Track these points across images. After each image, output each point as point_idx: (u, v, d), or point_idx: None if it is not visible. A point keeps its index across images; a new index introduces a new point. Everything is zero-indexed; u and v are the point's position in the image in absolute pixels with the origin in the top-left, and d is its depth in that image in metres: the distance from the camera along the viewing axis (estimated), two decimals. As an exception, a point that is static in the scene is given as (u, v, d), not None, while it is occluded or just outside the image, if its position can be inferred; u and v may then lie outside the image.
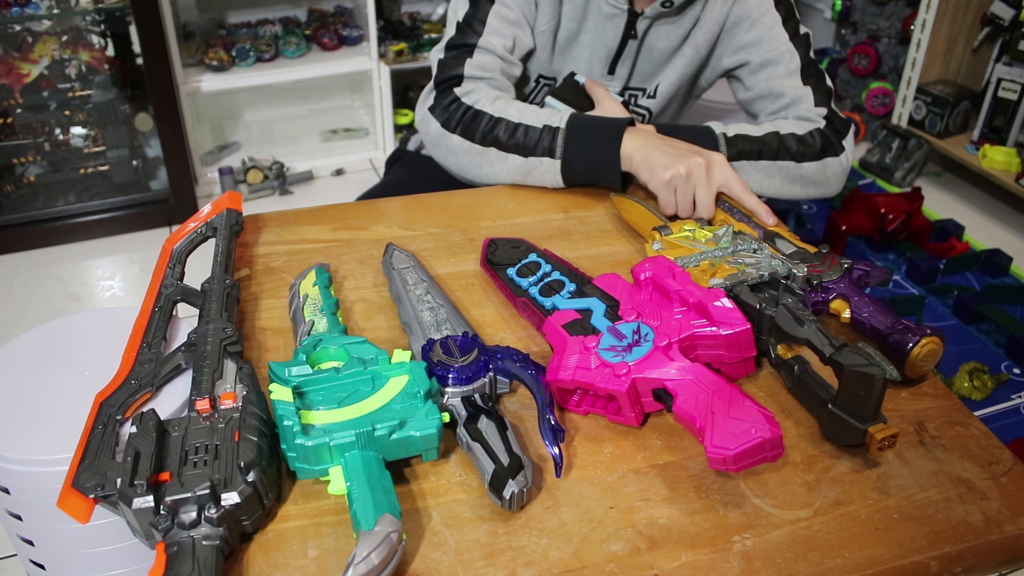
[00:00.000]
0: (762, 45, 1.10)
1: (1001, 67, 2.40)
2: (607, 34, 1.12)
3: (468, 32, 1.07)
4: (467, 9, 1.08)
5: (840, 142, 1.07)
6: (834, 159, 1.06)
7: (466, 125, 1.03)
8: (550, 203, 1.01)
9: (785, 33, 1.10)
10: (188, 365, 0.69)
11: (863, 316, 0.74)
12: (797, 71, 1.09)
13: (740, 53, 1.12)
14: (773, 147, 1.03)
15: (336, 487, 0.58)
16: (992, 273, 2.15)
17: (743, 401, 0.60)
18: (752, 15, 1.10)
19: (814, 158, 1.04)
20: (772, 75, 1.10)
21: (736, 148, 1.02)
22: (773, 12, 1.10)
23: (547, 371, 0.68)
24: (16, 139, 2.29)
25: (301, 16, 2.77)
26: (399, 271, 0.82)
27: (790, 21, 1.11)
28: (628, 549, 0.57)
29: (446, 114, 1.04)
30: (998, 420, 1.71)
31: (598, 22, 1.12)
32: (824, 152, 1.05)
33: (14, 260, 2.24)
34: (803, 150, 1.04)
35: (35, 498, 0.70)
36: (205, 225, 0.85)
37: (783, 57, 1.09)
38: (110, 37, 2.32)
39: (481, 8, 1.07)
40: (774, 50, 1.10)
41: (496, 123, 1.01)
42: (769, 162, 1.03)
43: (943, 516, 0.60)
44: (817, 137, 1.05)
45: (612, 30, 1.11)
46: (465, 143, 1.03)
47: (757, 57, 1.11)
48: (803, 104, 1.08)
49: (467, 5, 1.08)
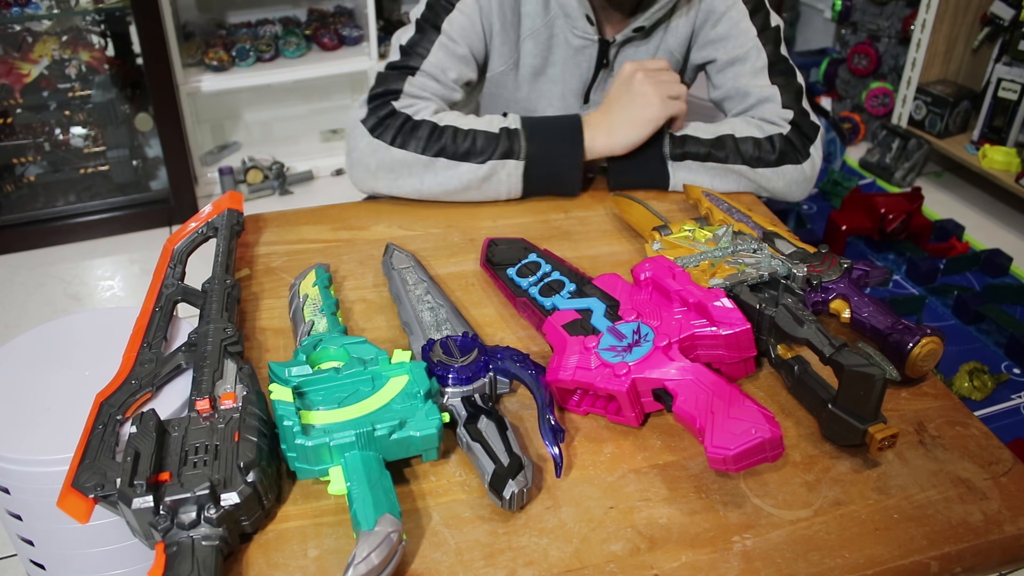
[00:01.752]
0: (728, 41, 1.06)
1: (1001, 67, 2.40)
2: (580, 66, 1.09)
3: (412, 55, 1.02)
4: (412, 35, 1.02)
5: (805, 148, 1.02)
6: (794, 167, 1.01)
7: (407, 135, 0.96)
8: (550, 203, 1.01)
9: (753, 28, 1.05)
10: (188, 365, 0.69)
11: (863, 316, 0.74)
12: (764, 69, 1.05)
13: (707, 49, 1.09)
14: (724, 150, 1.00)
15: (336, 487, 0.58)
16: (992, 273, 2.15)
17: (743, 401, 0.60)
18: (718, 9, 1.06)
19: (769, 165, 1.01)
20: (739, 73, 1.06)
21: (681, 148, 1.00)
22: (740, 5, 1.06)
23: (547, 371, 0.68)
24: (16, 139, 2.29)
25: (301, 16, 2.77)
26: (399, 271, 0.82)
27: (758, 13, 1.06)
28: (628, 549, 0.57)
29: (382, 126, 0.97)
30: (998, 420, 1.71)
31: (567, 55, 1.09)
32: (783, 159, 1.01)
33: (14, 260, 2.24)
34: (758, 155, 1.00)
35: (35, 498, 0.70)
36: (206, 225, 0.85)
37: (750, 54, 1.05)
38: (110, 37, 2.32)
39: (427, 36, 1.02)
40: (740, 47, 1.05)
41: (443, 131, 0.96)
42: (718, 164, 1.00)
43: (943, 516, 0.60)
44: (777, 143, 1.01)
45: (584, 62, 1.09)
46: (408, 155, 0.96)
47: (723, 54, 1.07)
48: (770, 104, 1.04)
49: (413, 31, 1.03)
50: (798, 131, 1.02)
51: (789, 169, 1.01)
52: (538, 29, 1.06)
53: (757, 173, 1.01)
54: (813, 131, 1.03)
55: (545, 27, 1.06)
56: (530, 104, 1.13)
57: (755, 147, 1.00)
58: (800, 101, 1.04)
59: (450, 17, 1.02)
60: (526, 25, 1.06)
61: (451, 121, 0.97)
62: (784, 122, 1.02)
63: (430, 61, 1.01)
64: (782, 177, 1.01)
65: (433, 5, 1.03)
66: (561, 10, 1.05)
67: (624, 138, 0.99)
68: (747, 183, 1.02)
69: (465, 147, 0.96)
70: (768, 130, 1.02)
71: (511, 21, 1.05)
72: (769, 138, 1.01)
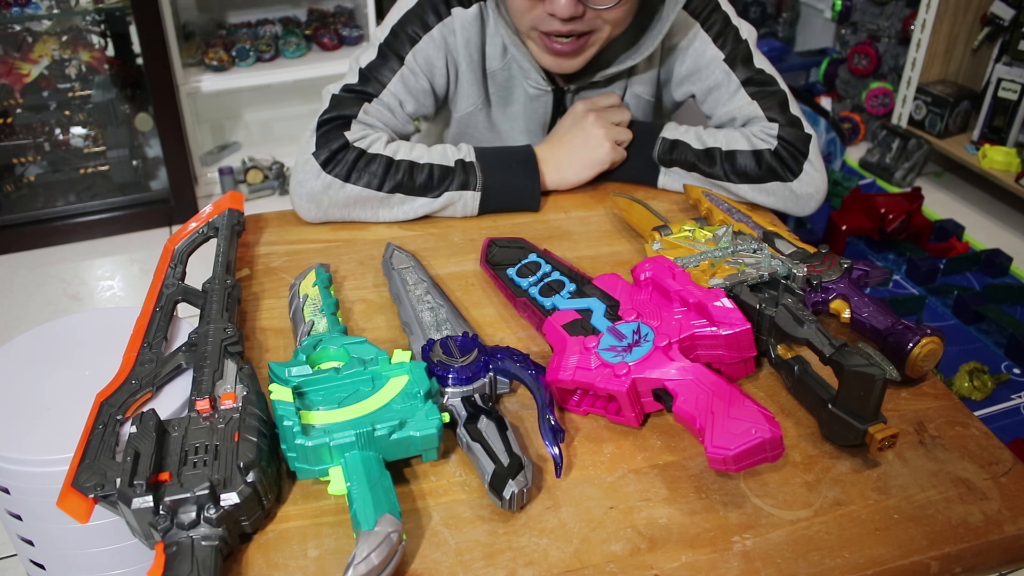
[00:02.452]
0: (699, 73, 1.03)
1: (1001, 67, 2.39)
2: (536, 112, 1.08)
3: (370, 82, 0.98)
4: (373, 59, 0.98)
5: (798, 164, 0.97)
6: (781, 184, 0.97)
7: (360, 171, 0.92)
8: (550, 203, 1.01)
9: (720, 53, 1.02)
10: (188, 365, 0.69)
11: (863, 316, 0.74)
12: (739, 89, 1.01)
13: (684, 86, 1.07)
14: (710, 163, 0.98)
15: (336, 487, 0.58)
16: (992, 273, 2.15)
17: (743, 401, 0.60)
18: (681, 45, 1.04)
19: (753, 181, 0.98)
20: (718, 101, 1.03)
21: (670, 154, 1.00)
22: (702, 35, 1.02)
23: (547, 371, 0.68)
24: (16, 139, 2.29)
25: (301, 16, 2.77)
26: (399, 271, 0.82)
27: (723, 35, 1.02)
28: (628, 549, 0.57)
29: (334, 161, 0.92)
30: (998, 420, 1.71)
31: (524, 100, 1.07)
32: (769, 176, 0.97)
33: (14, 260, 2.24)
34: (744, 169, 0.98)
35: (35, 498, 0.70)
36: (207, 225, 0.85)
37: (721, 81, 1.02)
38: (110, 37, 2.32)
39: (388, 64, 0.98)
40: (711, 76, 1.02)
41: (398, 166, 0.93)
42: (703, 176, 0.99)
43: (943, 516, 0.60)
44: (766, 157, 0.97)
45: (541, 108, 1.08)
46: (362, 191, 0.93)
47: (699, 87, 1.04)
48: (755, 121, 1.01)
49: (374, 54, 0.98)
50: (787, 145, 0.98)
51: (776, 186, 0.98)
52: (496, 71, 1.05)
53: (740, 188, 0.99)
54: (804, 143, 0.98)
55: (503, 70, 1.05)
56: (497, 140, 1.12)
57: (741, 161, 0.98)
58: (786, 110, 1.00)
59: (415, 49, 0.99)
60: (491, 65, 1.05)
61: (405, 155, 0.94)
62: (771, 138, 0.98)
63: (389, 91, 0.98)
64: (770, 195, 0.98)
65: (398, 32, 0.99)
66: (515, 60, 1.03)
67: (572, 176, 1.01)
68: (737, 196, 1.00)
69: (421, 181, 0.94)
70: (757, 145, 0.98)
71: (476, 60, 1.03)
72: (756, 152, 0.98)
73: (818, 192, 0.99)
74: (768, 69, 1.02)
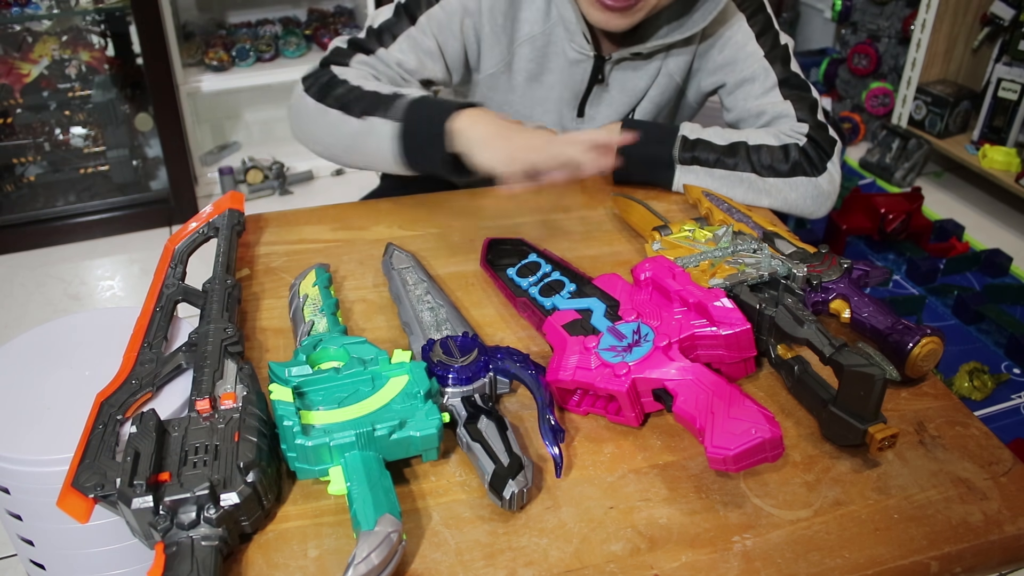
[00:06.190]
0: (736, 64, 1.05)
1: (1001, 67, 2.39)
2: (573, 78, 1.08)
3: (375, 40, 1.02)
4: (388, 17, 1.03)
5: (822, 163, 0.99)
6: (807, 179, 0.98)
7: (322, 88, 0.96)
8: (550, 203, 1.01)
9: (760, 49, 1.04)
10: (189, 365, 0.69)
11: (863, 316, 0.74)
12: (775, 87, 1.03)
13: (716, 74, 1.07)
14: (734, 158, 0.98)
15: (336, 487, 0.58)
16: (992, 273, 2.15)
17: (743, 401, 0.60)
18: (724, 34, 1.05)
19: (781, 175, 0.98)
20: (749, 94, 1.04)
21: (691, 153, 0.99)
22: (746, 28, 1.04)
23: (547, 371, 0.68)
24: (16, 139, 2.29)
25: (301, 16, 2.77)
26: (399, 271, 0.82)
27: (765, 35, 1.04)
28: (628, 549, 0.57)
29: (311, 80, 0.99)
30: (998, 420, 1.71)
31: (562, 65, 1.07)
32: (796, 170, 0.98)
33: (14, 260, 2.24)
34: (770, 163, 0.98)
35: (35, 498, 0.70)
36: (207, 225, 0.85)
37: (758, 75, 1.04)
38: (110, 37, 2.32)
39: (400, 24, 1.02)
40: (748, 68, 1.04)
41: (351, 89, 0.95)
42: (727, 172, 0.98)
43: (943, 516, 0.60)
44: (792, 153, 0.98)
45: (578, 74, 1.07)
46: (317, 106, 0.96)
47: (732, 78, 1.06)
48: (784, 119, 1.02)
49: (390, 13, 1.02)
50: (814, 144, 0.99)
51: (802, 181, 0.98)
52: (536, 36, 1.05)
53: (767, 183, 0.98)
54: (829, 145, 1.00)
55: (543, 34, 1.05)
56: (524, 109, 1.12)
57: (768, 155, 0.98)
58: (815, 114, 1.02)
59: (430, 12, 1.02)
60: (524, 30, 1.05)
61: (365, 84, 0.95)
62: (800, 135, 1.00)
63: (391, 50, 1.01)
64: (795, 189, 0.99)
65: None
66: (561, 20, 1.04)
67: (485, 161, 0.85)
68: (757, 193, 0.99)
69: (359, 104, 0.94)
70: (784, 139, 0.99)
71: (502, 25, 1.04)
72: (784, 147, 0.99)
73: (834, 193, 1.01)
74: (803, 76, 1.04)
